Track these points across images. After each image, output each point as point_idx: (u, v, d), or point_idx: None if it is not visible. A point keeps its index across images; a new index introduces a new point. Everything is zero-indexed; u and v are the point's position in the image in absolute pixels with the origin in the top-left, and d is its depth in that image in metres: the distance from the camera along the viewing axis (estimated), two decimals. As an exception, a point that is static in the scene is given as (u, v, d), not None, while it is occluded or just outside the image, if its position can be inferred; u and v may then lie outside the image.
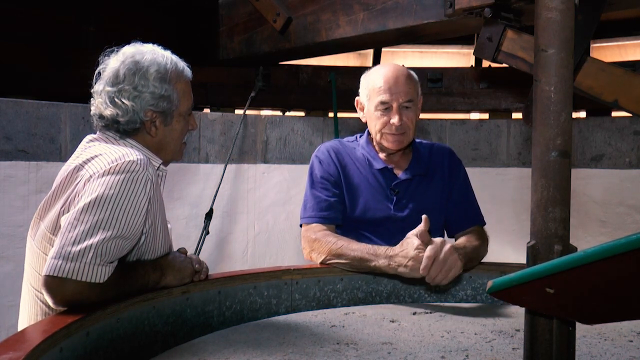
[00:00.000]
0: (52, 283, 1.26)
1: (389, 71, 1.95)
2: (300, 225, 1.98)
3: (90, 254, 1.26)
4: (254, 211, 3.41)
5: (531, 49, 1.86)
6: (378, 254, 1.72)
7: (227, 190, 3.33)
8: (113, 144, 1.49)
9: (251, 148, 3.41)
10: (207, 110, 3.52)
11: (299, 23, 2.77)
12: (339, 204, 1.96)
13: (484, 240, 1.94)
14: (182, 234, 3.20)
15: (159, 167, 1.55)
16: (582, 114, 3.60)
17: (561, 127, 0.98)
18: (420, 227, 1.67)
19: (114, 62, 1.51)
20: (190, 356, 1.30)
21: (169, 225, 1.61)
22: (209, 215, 3.14)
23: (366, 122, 2.03)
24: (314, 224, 1.92)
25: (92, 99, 1.54)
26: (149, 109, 1.49)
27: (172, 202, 3.23)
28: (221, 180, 3.22)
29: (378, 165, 1.99)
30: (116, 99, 1.48)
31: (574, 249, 0.98)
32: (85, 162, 1.41)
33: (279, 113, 3.68)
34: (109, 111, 1.48)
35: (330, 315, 1.64)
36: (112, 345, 1.28)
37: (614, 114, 3.48)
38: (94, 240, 1.27)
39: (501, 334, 1.46)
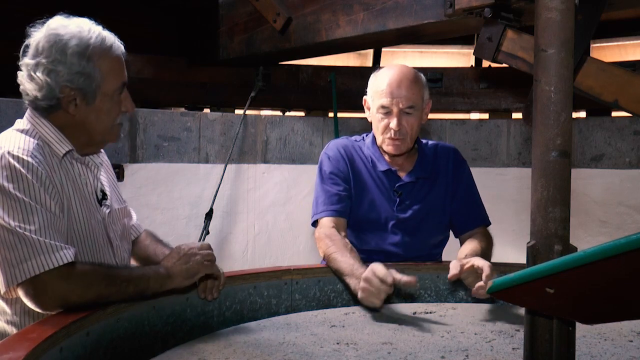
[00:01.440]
0: (25, 291, 1.26)
1: (394, 74, 1.91)
2: (312, 225, 1.97)
3: (29, 245, 1.24)
4: (254, 211, 3.41)
5: (531, 49, 1.86)
6: (352, 272, 1.67)
7: (227, 190, 3.33)
8: (21, 128, 1.42)
9: (251, 148, 3.41)
10: (207, 110, 3.52)
11: (299, 23, 2.76)
12: (348, 198, 1.96)
13: (490, 243, 1.95)
14: (182, 234, 3.21)
15: (67, 153, 1.44)
16: (582, 114, 3.59)
17: (561, 127, 0.98)
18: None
19: (37, 34, 1.43)
20: (190, 356, 1.30)
21: (110, 208, 1.55)
22: (209, 215, 3.14)
23: (372, 122, 2.03)
24: (324, 219, 1.92)
25: (18, 72, 1.45)
26: (65, 84, 1.39)
27: (172, 202, 3.23)
28: (221, 180, 3.22)
29: (382, 167, 1.99)
30: (33, 73, 1.40)
31: (574, 249, 0.98)
32: None
33: (279, 113, 3.67)
34: (28, 85, 1.42)
35: (330, 315, 1.64)
36: (112, 345, 1.28)
37: (614, 114, 3.48)
38: (24, 232, 1.25)
39: (501, 334, 1.46)
